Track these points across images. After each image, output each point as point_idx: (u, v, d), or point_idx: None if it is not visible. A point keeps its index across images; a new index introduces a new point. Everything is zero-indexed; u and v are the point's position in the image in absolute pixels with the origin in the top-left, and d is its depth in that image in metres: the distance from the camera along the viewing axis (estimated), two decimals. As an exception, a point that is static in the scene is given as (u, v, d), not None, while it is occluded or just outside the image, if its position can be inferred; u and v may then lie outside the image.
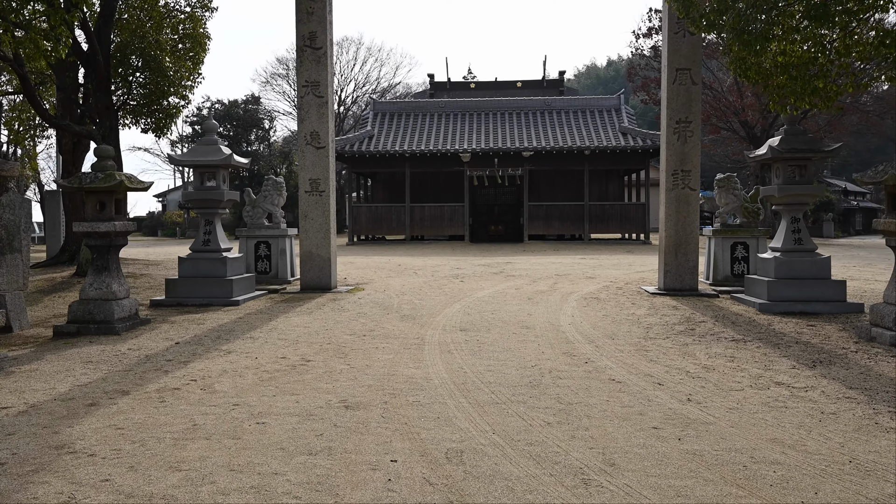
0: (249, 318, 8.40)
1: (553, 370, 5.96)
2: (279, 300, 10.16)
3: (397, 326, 8.03)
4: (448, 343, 7.05)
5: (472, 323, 8.27)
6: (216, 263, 9.68)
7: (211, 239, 9.87)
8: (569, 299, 10.50)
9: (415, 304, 9.86)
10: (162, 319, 8.29)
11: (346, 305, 9.62)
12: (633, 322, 8.52)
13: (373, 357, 6.35)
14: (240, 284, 9.88)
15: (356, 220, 28.83)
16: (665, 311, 9.44)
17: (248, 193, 12.50)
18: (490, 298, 10.48)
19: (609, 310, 9.46)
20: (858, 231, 47.93)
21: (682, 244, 11.30)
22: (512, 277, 13.77)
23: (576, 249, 24.52)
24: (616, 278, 13.64)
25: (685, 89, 11.27)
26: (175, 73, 12.95)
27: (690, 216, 11.32)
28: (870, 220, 51.28)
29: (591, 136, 28.78)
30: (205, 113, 40.89)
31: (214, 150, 9.83)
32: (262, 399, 4.88)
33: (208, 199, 9.84)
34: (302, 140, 11.16)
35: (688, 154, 11.27)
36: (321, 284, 11.12)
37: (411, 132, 29.50)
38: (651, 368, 6.12)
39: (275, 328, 7.76)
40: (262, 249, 12.26)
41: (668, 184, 11.32)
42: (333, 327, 7.89)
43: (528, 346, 6.95)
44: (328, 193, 11.11)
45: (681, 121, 11.28)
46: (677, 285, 11.29)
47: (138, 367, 5.81)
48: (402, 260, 18.58)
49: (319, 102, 11.11)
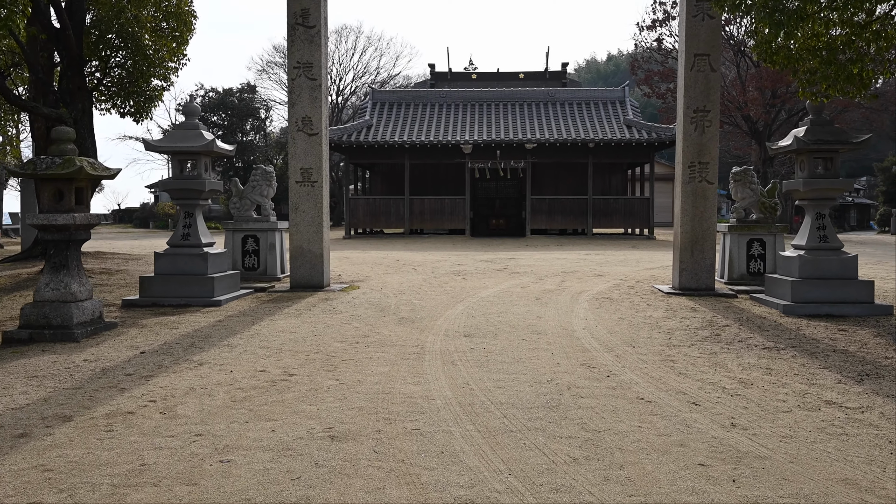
0: (230, 322, 7.62)
1: (572, 386, 5.19)
2: (266, 300, 9.38)
3: (394, 331, 7.25)
4: (451, 352, 6.28)
5: (478, 327, 7.50)
6: (196, 260, 8.90)
7: (191, 233, 9.08)
8: (579, 299, 9.74)
9: (414, 304, 9.09)
10: (132, 323, 7.50)
11: (338, 306, 8.84)
12: (652, 326, 7.76)
13: (366, 370, 5.58)
14: (222, 283, 9.10)
15: (353, 212, 28.03)
16: (684, 313, 8.69)
17: (234, 183, 11.70)
18: (495, 298, 9.71)
19: (624, 312, 8.70)
20: (853, 227, 47.53)
21: (698, 241, 10.55)
22: (517, 274, 13.00)
23: (580, 244, 23.75)
24: (626, 276, 12.88)
25: (703, 76, 10.49)
26: (155, 53, 12.07)
27: (707, 211, 10.56)
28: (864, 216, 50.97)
29: (596, 128, 27.97)
30: (198, 101, 39.95)
31: (195, 135, 9.03)
32: (232, 427, 4.11)
33: (188, 189, 9.04)
34: (293, 126, 10.36)
35: (705, 145, 10.51)
36: (312, 282, 10.34)
37: (411, 122, 28.67)
38: (682, 383, 5.35)
39: (257, 333, 6.98)
40: (250, 244, 11.47)
41: (685, 177, 10.56)
42: (323, 332, 7.11)
43: (541, 356, 6.18)
44: (321, 184, 10.32)
45: (699, 110, 10.51)
46: (693, 285, 10.55)
47: (91, 384, 5.02)
48: (400, 255, 17.80)
49: (312, 85, 10.30)
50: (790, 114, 37.87)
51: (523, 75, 38.83)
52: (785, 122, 38.32)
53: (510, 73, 38.87)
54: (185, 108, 9.26)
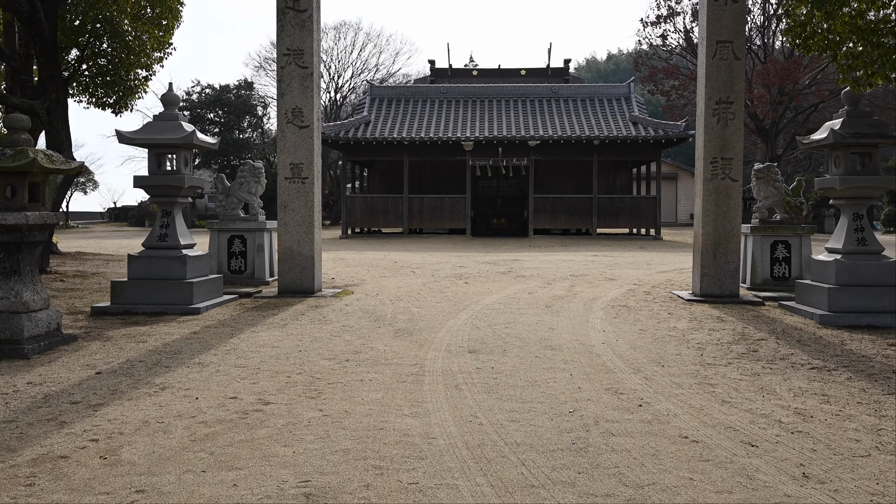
0: (206, 334, 6.79)
1: (600, 419, 4.37)
2: (250, 307, 8.54)
3: (390, 346, 6.43)
4: (454, 373, 5.46)
5: (484, 341, 6.68)
6: (173, 263, 8.07)
7: (168, 233, 8.25)
8: (593, 307, 8.92)
9: (412, 313, 8.26)
10: (96, 335, 6.66)
11: (329, 315, 8.01)
12: (679, 340, 6.94)
13: (355, 396, 4.75)
14: (202, 288, 8.27)
15: (351, 211, 27.19)
16: (710, 323, 7.88)
17: (220, 180, 10.87)
18: (501, 306, 8.89)
19: (645, 322, 7.88)
20: None
21: (721, 243, 9.75)
22: (522, 278, 12.18)
23: (585, 245, 22.93)
24: (640, 280, 12.06)
25: (726, 65, 9.68)
26: (136, 41, 11.20)
27: (731, 211, 9.76)
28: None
29: (601, 125, 27.15)
30: (194, 98, 39.10)
31: (173, 126, 8.20)
32: (184, 479, 3.28)
33: (165, 186, 8.22)
34: (282, 118, 9.53)
35: (729, 139, 9.71)
36: (302, 287, 9.51)
37: (410, 119, 27.83)
38: (728, 415, 4.53)
39: (234, 349, 6.15)
40: (237, 245, 10.65)
41: (707, 174, 9.74)
42: (309, 347, 6.28)
43: (559, 378, 5.35)
44: (312, 180, 9.49)
45: (721, 101, 9.69)
46: (716, 291, 9.74)
47: (26, 416, 4.19)
48: (398, 256, 16.98)
49: (303, 74, 9.47)
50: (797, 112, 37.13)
51: (525, 72, 38.06)
52: (791, 120, 37.62)
53: (512, 70, 38.09)
54: (165, 98, 8.43)
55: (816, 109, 36.61)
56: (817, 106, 36.47)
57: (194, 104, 38.75)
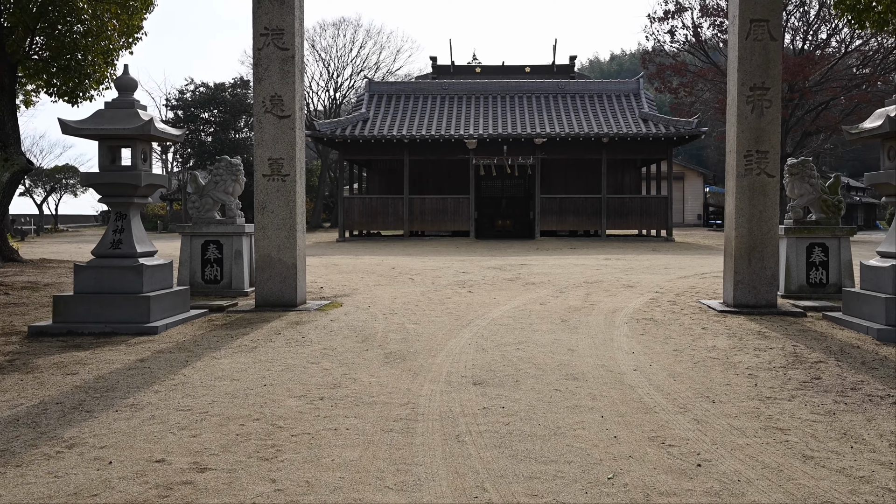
0: (155, 362, 5.64)
1: (650, 490, 3.22)
2: (220, 324, 7.40)
3: (377, 376, 5.28)
4: (456, 416, 4.31)
5: (491, 368, 5.53)
6: (127, 274, 6.93)
7: (123, 239, 7.12)
8: (616, 321, 7.77)
9: (407, 330, 7.11)
10: (21, 363, 5.52)
11: (309, 334, 6.87)
12: (724, 364, 5.79)
13: (324, 457, 3.60)
14: (163, 303, 7.14)
15: (348, 213, 26.04)
16: (753, 341, 6.74)
17: (193, 178, 9.74)
18: (510, 320, 7.74)
19: (678, 340, 6.73)
20: (860, 226, 45.91)
21: (757, 247, 8.62)
22: (532, 286, 11.03)
23: (594, 247, 21.76)
24: (661, 287, 10.91)
25: (762, 46, 8.54)
26: (95, 21, 9.99)
27: (768, 211, 8.62)
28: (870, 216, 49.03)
29: (609, 122, 25.99)
30: (188, 97, 38.00)
31: (128, 115, 7.06)
32: None
33: (118, 184, 7.08)
34: (259, 106, 8.40)
35: (765, 130, 8.57)
36: (283, 300, 8.37)
37: (411, 116, 26.68)
38: (820, 482, 3.38)
39: (184, 382, 5.01)
40: (212, 251, 9.51)
41: (740, 169, 8.61)
42: (277, 380, 5.13)
43: (588, 423, 4.21)
44: (294, 178, 8.36)
45: (756, 87, 8.56)
46: (751, 300, 8.61)
47: None
48: (397, 261, 15.83)
49: (283, 56, 8.34)
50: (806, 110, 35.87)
51: (529, 69, 36.91)
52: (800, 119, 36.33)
53: (516, 67, 36.95)
54: (119, 82, 7.29)
55: (827, 107, 35.37)
56: (828, 103, 35.23)
57: (188, 103, 37.63)
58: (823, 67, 34.11)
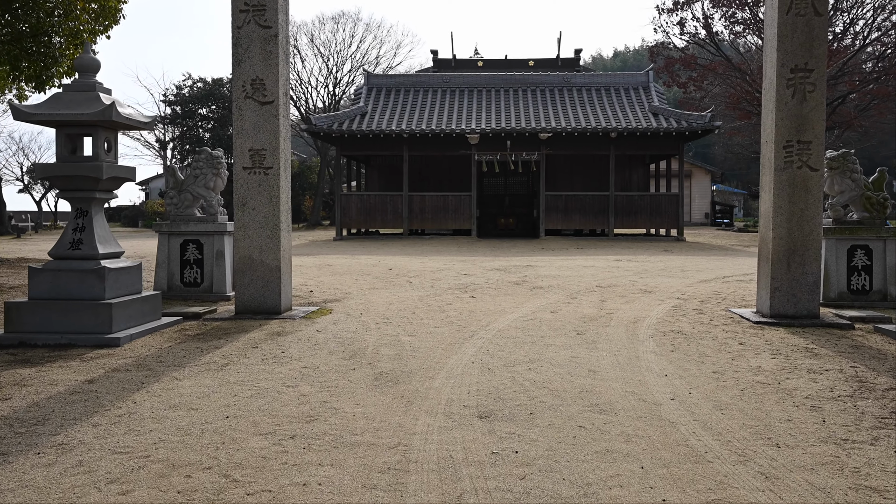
0: (106, 383, 4.78)
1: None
2: (192, 335, 6.54)
3: (364, 405, 4.41)
4: (457, 465, 3.45)
5: (500, 395, 4.66)
6: (88, 278, 6.08)
7: (84, 238, 6.26)
8: (639, 334, 6.90)
9: (402, 344, 6.25)
10: (-58, 387, 4.67)
11: (290, 348, 6.00)
12: (776, 391, 4.92)
13: (285, 529, 2.75)
14: (128, 311, 6.28)
15: (346, 211, 25.15)
16: (803, 360, 5.87)
17: (171, 172, 8.88)
18: (519, 332, 6.87)
19: (715, 359, 5.86)
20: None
21: (797, 249, 7.76)
22: (540, 290, 10.16)
23: (603, 247, 20.88)
24: (682, 292, 10.04)
25: (804, 22, 7.67)
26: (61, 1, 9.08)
27: (810, 209, 7.75)
28: None
29: (618, 116, 25.06)
30: (185, 93, 37.10)
31: (89, 98, 6.20)
32: None
33: (77, 177, 6.22)
34: (238, 91, 7.53)
35: (808, 117, 7.70)
36: (265, 306, 7.51)
37: (410, 109, 25.78)
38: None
39: (132, 412, 4.15)
40: (192, 252, 8.65)
41: (779, 161, 7.74)
42: (243, 410, 4.27)
43: (624, 475, 3.34)
44: (278, 171, 7.49)
45: (797, 68, 7.68)
46: (790, 310, 7.76)
47: None
48: (395, 261, 14.97)
49: (265, 35, 7.47)
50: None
51: (533, 63, 36.00)
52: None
53: (519, 61, 36.03)
54: (79, 62, 6.42)
55: (844, 101, 34.39)
56: (845, 98, 34.24)
57: (185, 99, 36.71)
58: (839, 61, 33.13)
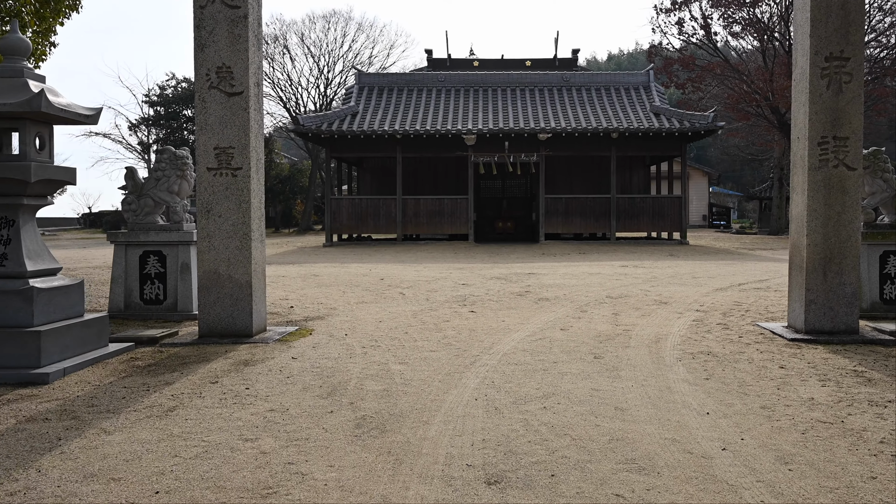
0: (10, 441, 3.80)
1: None
2: (142, 365, 5.56)
3: (338, 467, 3.44)
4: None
5: (510, 447, 3.70)
6: (12, 300, 5.10)
7: (9, 253, 5.29)
8: (664, 356, 5.95)
9: (391, 374, 5.28)
10: None
11: (257, 382, 5.03)
12: (843, 433, 3.98)
13: None
14: (63, 339, 5.30)
15: (336, 215, 24.17)
16: (857, 387, 4.95)
17: (131, 174, 7.90)
18: (527, 356, 5.91)
19: (759, 389, 4.92)
20: None
21: (834, 257, 6.87)
22: (546, 302, 9.21)
23: (606, 252, 19.96)
24: (700, 303, 9.11)
25: (840, 4, 6.80)
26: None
27: (848, 212, 6.86)
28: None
29: (618, 116, 24.18)
30: (168, 93, 36.06)
31: (13, 86, 5.23)
32: None
33: (2, 179, 5.24)
34: (202, 81, 6.56)
35: (844, 111, 6.82)
36: (234, 328, 6.53)
37: (404, 110, 24.83)
38: None
39: (29, 489, 3.16)
40: (153, 264, 7.67)
41: (813, 159, 6.84)
42: (181, 479, 3.29)
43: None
44: (248, 172, 6.52)
45: (832, 57, 6.79)
46: (827, 325, 6.87)
47: None
48: (387, 270, 14.00)
49: (232, 16, 6.51)
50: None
51: (530, 63, 35.13)
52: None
53: (516, 61, 35.15)
54: (4, 43, 5.46)
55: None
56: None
57: (168, 99, 35.65)
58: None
